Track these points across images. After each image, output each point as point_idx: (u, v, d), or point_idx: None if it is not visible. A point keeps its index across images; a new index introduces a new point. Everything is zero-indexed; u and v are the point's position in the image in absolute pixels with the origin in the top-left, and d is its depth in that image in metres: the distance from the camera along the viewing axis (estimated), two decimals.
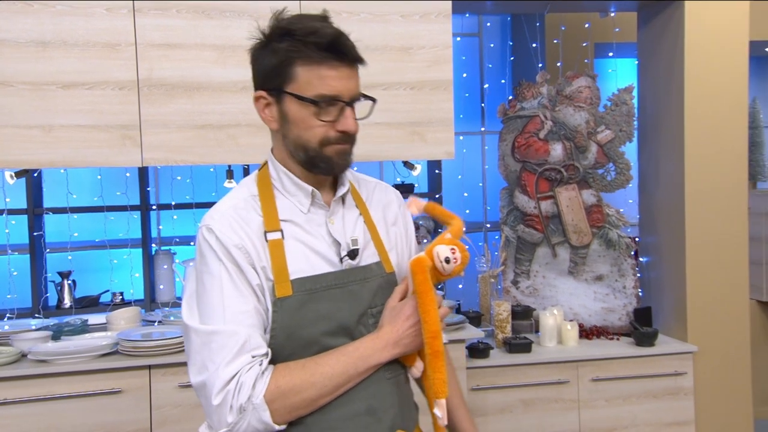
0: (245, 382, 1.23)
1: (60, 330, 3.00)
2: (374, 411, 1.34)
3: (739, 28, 3.44)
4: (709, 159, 3.46)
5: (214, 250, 1.30)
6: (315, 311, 1.32)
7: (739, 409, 3.51)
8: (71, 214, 3.47)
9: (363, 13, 3.01)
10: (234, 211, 1.36)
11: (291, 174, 1.39)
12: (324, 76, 1.31)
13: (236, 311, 1.27)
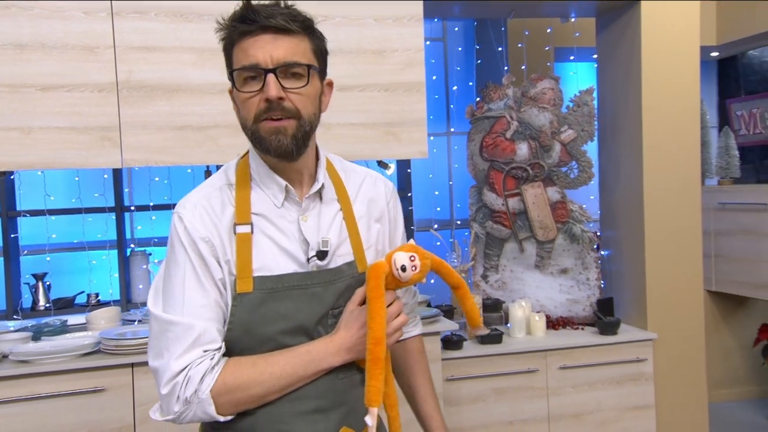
0: (193, 377, 1.22)
1: (40, 331, 2.95)
2: (323, 409, 1.32)
3: (690, 33, 3.52)
4: (666, 157, 3.52)
5: (182, 241, 1.29)
6: (274, 310, 1.29)
7: (695, 392, 3.58)
8: (49, 216, 3.41)
9: (338, 16, 3.01)
10: (207, 201, 1.33)
11: (266, 165, 1.35)
12: (244, 49, 1.27)
13: (195, 305, 1.26)
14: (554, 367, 3.33)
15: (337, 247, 1.37)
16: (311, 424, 1.31)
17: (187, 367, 1.23)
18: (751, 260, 4.44)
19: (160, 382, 1.25)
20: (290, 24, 1.26)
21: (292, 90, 1.26)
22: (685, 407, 3.57)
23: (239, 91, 1.29)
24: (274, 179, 1.34)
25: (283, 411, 1.29)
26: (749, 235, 4.44)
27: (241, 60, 1.27)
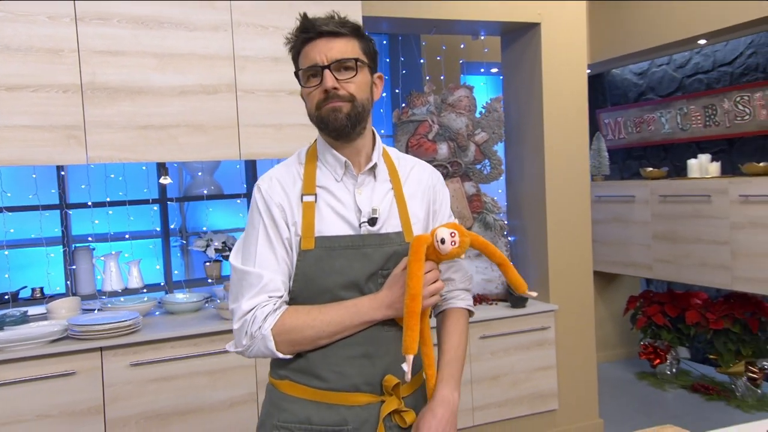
0: (258, 316, 1.36)
1: (2, 321, 2.84)
2: (370, 355, 1.42)
3: (580, 52, 3.76)
4: (562, 156, 3.72)
5: (259, 207, 1.44)
6: (331, 265, 1.40)
7: (587, 354, 3.83)
8: None
9: (286, 28, 3.06)
10: (281, 175, 1.47)
11: (330, 147, 1.47)
12: (305, 53, 1.43)
13: (264, 259, 1.40)
14: (475, 337, 3.46)
15: (387, 218, 1.46)
16: (359, 368, 1.41)
17: (255, 308, 1.37)
18: (621, 243, 4.82)
19: (234, 320, 1.40)
20: (340, 29, 1.40)
21: (345, 80, 1.39)
22: (579, 367, 3.80)
23: (304, 87, 1.44)
24: (335, 156, 1.46)
25: (336, 354, 1.40)
26: (620, 222, 4.82)
27: (303, 63, 1.43)
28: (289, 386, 1.44)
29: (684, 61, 4.89)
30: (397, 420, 1.43)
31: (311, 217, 1.42)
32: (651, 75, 5.19)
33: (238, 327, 1.39)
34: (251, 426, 2.90)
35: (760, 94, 4.16)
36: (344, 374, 1.41)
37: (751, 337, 4.05)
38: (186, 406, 2.83)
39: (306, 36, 1.41)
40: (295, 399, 1.43)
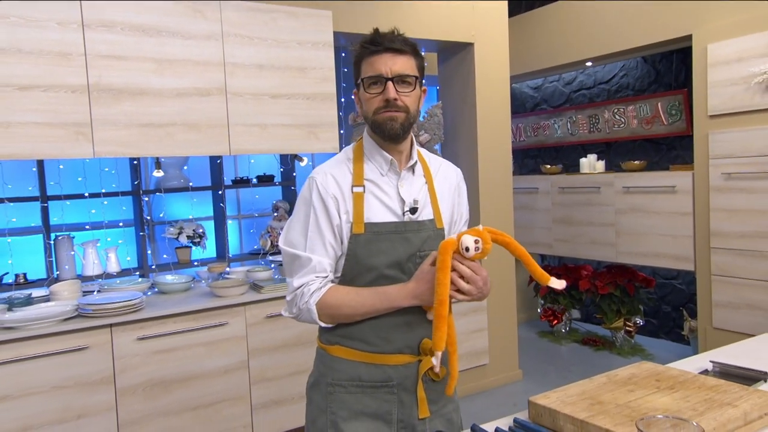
0: (305, 293, 1.40)
1: (11, 303, 2.68)
2: (410, 324, 1.44)
3: (503, 68, 3.95)
4: (491, 154, 3.90)
5: (312, 197, 1.43)
6: (377, 247, 1.42)
7: (510, 318, 4.05)
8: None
9: (269, 39, 3.06)
10: (333, 170, 1.47)
11: (377, 145, 1.47)
12: (371, 63, 1.40)
13: (314, 244, 1.42)
14: None
15: (423, 207, 1.48)
16: (402, 334, 1.44)
17: (304, 285, 1.41)
18: (527, 226, 5.11)
19: (288, 292, 1.45)
20: (404, 47, 1.41)
21: (404, 93, 1.40)
22: (504, 327, 4.01)
23: (366, 92, 1.42)
24: (382, 155, 1.47)
25: (383, 323, 1.43)
26: (526, 209, 5.12)
27: (368, 71, 1.41)
28: (340, 350, 1.46)
29: (571, 79, 5.24)
30: (431, 375, 1.48)
31: (361, 206, 1.43)
32: (544, 89, 5.52)
33: (290, 299, 1.43)
34: (242, 389, 2.93)
35: (633, 107, 4.56)
36: (389, 340, 1.44)
37: (628, 299, 4.45)
38: (187, 373, 2.79)
39: (374, 48, 1.40)
40: (345, 360, 1.45)
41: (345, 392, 1.45)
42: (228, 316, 2.87)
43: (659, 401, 1.32)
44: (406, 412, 1.46)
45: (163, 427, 2.72)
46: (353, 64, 1.47)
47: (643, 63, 4.64)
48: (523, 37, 4.93)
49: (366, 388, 1.45)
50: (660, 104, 4.33)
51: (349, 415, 1.44)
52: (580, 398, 1.37)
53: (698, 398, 1.33)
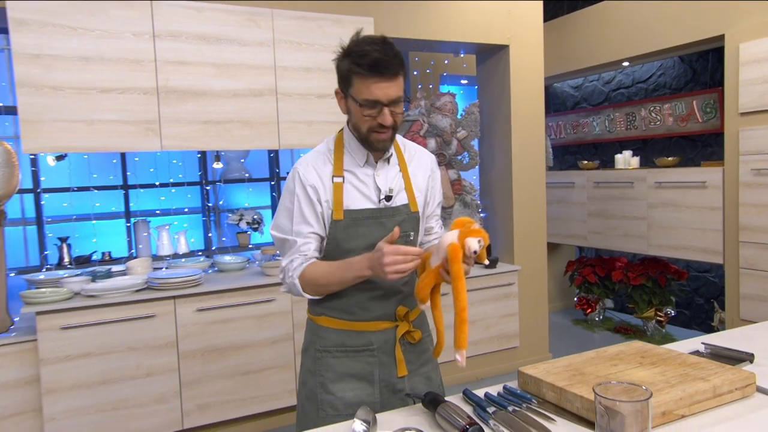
0: (290, 268, 1.46)
1: (95, 275, 2.93)
2: (387, 295, 1.51)
3: (538, 68, 3.92)
4: (525, 150, 3.90)
5: (296, 186, 1.47)
6: (356, 232, 1.46)
7: (541, 304, 4.04)
8: (75, 192, 3.32)
9: (316, 44, 3.19)
10: (314, 160, 1.49)
11: (357, 141, 1.49)
12: (369, 86, 1.35)
13: (298, 230, 1.47)
14: None
15: (397, 193, 1.51)
16: (379, 304, 1.51)
17: (291, 261, 1.47)
18: (563, 219, 5.06)
19: (280, 269, 1.52)
20: (400, 71, 1.38)
21: (396, 113, 1.41)
22: (535, 314, 4.01)
23: (361, 112, 1.40)
24: (360, 149, 1.49)
25: (362, 295, 1.50)
26: (562, 203, 5.07)
27: (364, 93, 1.37)
28: (326, 320, 1.52)
29: (610, 78, 5.13)
30: (408, 338, 1.55)
31: (340, 195, 1.46)
32: (584, 89, 5.42)
33: (282, 276, 1.50)
34: (288, 358, 3.08)
35: (668, 105, 4.44)
36: (368, 309, 1.50)
37: (659, 290, 4.35)
38: (239, 342, 2.96)
39: (373, 73, 1.34)
40: (331, 329, 1.52)
41: (331, 357, 1.52)
42: (275, 293, 3.03)
43: (637, 374, 1.36)
44: (386, 371, 1.53)
45: (218, 389, 2.92)
46: (341, 69, 1.41)
47: (680, 62, 4.50)
48: (563, 38, 4.87)
49: (350, 352, 1.51)
50: (695, 102, 4.20)
51: (335, 377, 1.52)
52: (565, 370, 1.42)
53: (674, 373, 1.36)
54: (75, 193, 3.34)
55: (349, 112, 1.46)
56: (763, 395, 1.33)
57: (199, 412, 2.88)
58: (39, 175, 3.25)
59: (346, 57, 1.39)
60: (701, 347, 1.68)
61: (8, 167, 2.77)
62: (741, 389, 1.32)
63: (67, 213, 3.36)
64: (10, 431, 2.61)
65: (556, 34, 4.89)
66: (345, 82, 1.42)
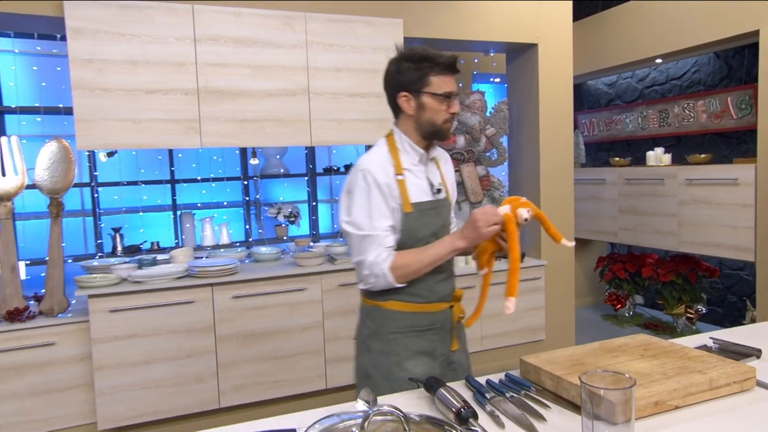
0: (379, 262, 1.54)
1: (141, 262, 3.08)
2: (447, 278, 1.66)
3: (567, 66, 3.86)
4: (553, 147, 3.85)
5: (369, 185, 1.55)
6: (422, 221, 1.59)
7: (567, 299, 3.98)
8: (125, 186, 3.48)
9: (346, 45, 3.25)
10: (380, 161, 1.59)
11: (410, 141, 1.62)
12: (445, 82, 1.56)
13: (377, 224, 1.55)
14: None
15: (441, 186, 1.68)
16: (441, 286, 1.65)
17: (377, 256, 1.55)
18: (594, 216, 4.96)
19: (362, 268, 1.57)
20: (459, 70, 1.62)
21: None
22: (561, 308, 3.96)
23: (438, 104, 1.57)
24: (415, 149, 1.63)
25: (429, 280, 1.62)
26: (593, 199, 4.97)
27: (443, 87, 1.56)
28: (396, 304, 1.62)
29: (644, 75, 4.99)
30: (458, 318, 1.71)
31: (405, 190, 1.58)
32: (618, 86, 5.29)
33: (367, 273, 1.56)
34: (318, 345, 3.16)
35: (702, 102, 4.29)
36: (433, 291, 1.63)
37: (690, 287, 4.22)
38: (271, 328, 3.06)
39: (452, 70, 1.58)
40: (401, 312, 1.62)
41: (404, 337, 1.64)
42: (307, 283, 3.12)
43: (636, 366, 1.36)
44: (444, 347, 1.68)
45: (252, 371, 3.02)
46: (412, 73, 1.56)
47: (715, 59, 4.34)
48: (596, 36, 4.77)
49: (418, 332, 1.64)
50: (729, 99, 4.05)
51: (409, 355, 1.63)
52: (565, 359, 1.43)
53: (673, 365, 1.35)
54: (125, 186, 3.50)
55: (422, 109, 1.58)
56: (763, 390, 1.31)
57: (234, 393, 2.99)
58: (95, 170, 3.43)
59: (419, 62, 1.56)
60: (710, 342, 1.65)
61: (65, 162, 2.95)
62: (739, 383, 1.30)
63: (118, 205, 3.53)
64: (67, 402, 2.78)
65: (590, 31, 4.80)
66: (419, 83, 1.57)
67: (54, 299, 2.88)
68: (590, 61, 4.84)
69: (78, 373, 2.78)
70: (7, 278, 2.86)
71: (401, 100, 1.60)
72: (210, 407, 2.94)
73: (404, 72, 1.58)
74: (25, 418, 2.71)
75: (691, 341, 1.67)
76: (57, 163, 2.93)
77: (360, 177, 1.57)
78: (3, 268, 2.85)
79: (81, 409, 2.79)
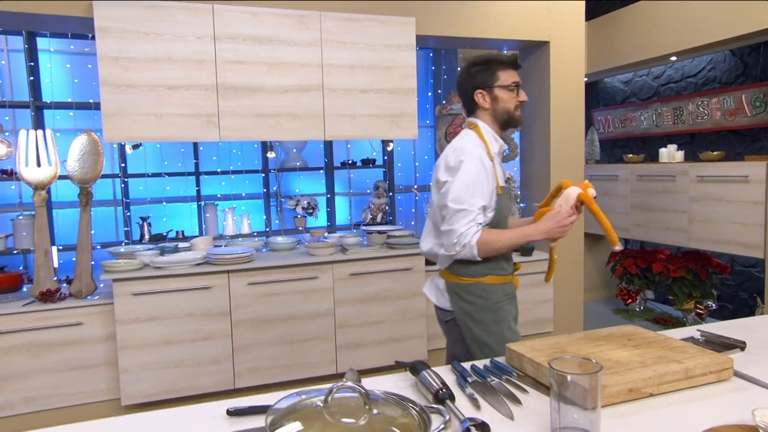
0: (468, 234, 1.71)
1: (163, 250, 3.17)
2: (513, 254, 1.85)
3: (578, 64, 3.82)
4: (563, 143, 3.81)
5: (474, 167, 1.71)
6: (505, 203, 1.82)
7: (576, 292, 3.95)
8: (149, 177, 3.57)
9: (360, 43, 3.27)
10: (479, 148, 1.76)
11: (494, 133, 1.83)
12: (511, 75, 1.80)
13: (474, 201, 1.71)
14: None
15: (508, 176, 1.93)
16: (511, 261, 1.89)
17: (467, 229, 1.71)
18: (606, 212, 4.68)
19: (450, 238, 1.73)
20: (521, 65, 1.87)
21: None
22: (570, 302, 3.93)
23: (510, 93, 1.80)
24: (497, 140, 1.85)
25: (508, 255, 1.86)
26: (606, 195, 4.88)
27: (509, 79, 1.80)
28: (492, 278, 1.81)
29: (660, 73, 4.88)
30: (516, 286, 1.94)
31: (496, 175, 1.78)
32: (634, 83, 5.19)
33: (456, 242, 1.72)
34: (329, 331, 3.20)
35: (716, 100, 4.19)
36: (510, 265, 1.88)
37: (700, 283, 4.14)
38: (284, 314, 3.12)
39: (515, 65, 1.82)
40: (496, 285, 1.82)
41: (506, 304, 1.84)
42: (319, 272, 3.16)
43: (616, 354, 1.36)
44: (515, 311, 1.90)
45: (265, 354, 3.09)
46: (483, 73, 1.80)
47: (731, 56, 4.23)
48: (611, 33, 4.69)
49: (510, 299, 1.87)
50: (744, 96, 3.94)
51: (512, 318, 1.86)
52: (549, 347, 1.43)
53: (653, 355, 1.34)
54: (152, 178, 3.60)
55: (496, 101, 1.80)
56: (741, 380, 1.29)
57: (248, 375, 3.06)
58: (123, 162, 3.53)
59: (486, 63, 1.81)
60: (697, 334, 1.63)
61: (94, 154, 3.04)
62: (716, 373, 1.28)
63: (145, 196, 3.62)
64: (93, 378, 2.89)
65: (606, 30, 4.72)
66: (491, 79, 1.80)
67: (82, 282, 2.99)
68: (606, 59, 4.76)
69: (103, 351, 2.88)
70: (41, 262, 2.97)
71: (478, 97, 1.81)
72: (225, 387, 3.02)
73: (475, 74, 1.81)
74: (55, 391, 2.83)
75: (679, 333, 1.65)
76: (87, 155, 3.03)
77: (468, 159, 1.73)
78: (37, 252, 2.97)
79: (106, 386, 2.90)
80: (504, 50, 4.04)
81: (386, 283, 3.26)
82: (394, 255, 3.26)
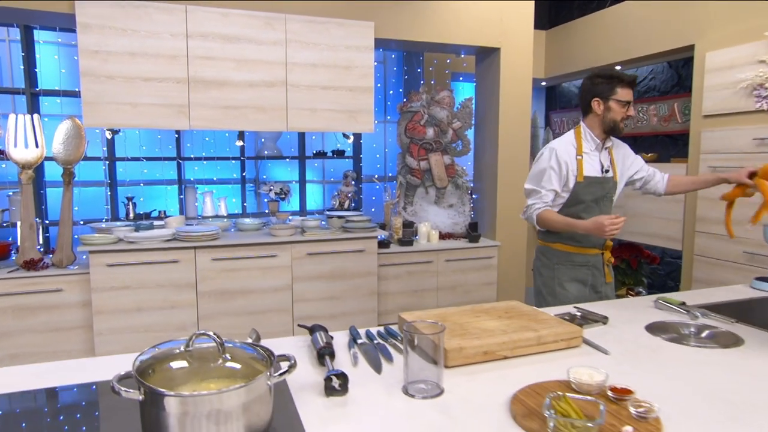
0: (533, 206, 2.05)
1: (139, 226, 3.24)
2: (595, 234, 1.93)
3: (526, 69, 3.88)
4: (511, 141, 3.88)
5: (551, 159, 2.00)
6: (587, 189, 2.02)
7: (518, 276, 4.04)
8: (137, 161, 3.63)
9: (322, 44, 3.33)
10: (565, 146, 2.03)
11: (593, 133, 2.04)
12: (627, 93, 1.97)
13: (542, 185, 2.02)
14: (442, 260, 3.69)
15: (608, 168, 2.06)
16: (594, 239, 2.06)
17: (534, 203, 2.06)
18: None
19: (525, 207, 2.09)
20: (637, 85, 1.99)
21: None
22: (512, 284, 4.02)
23: (622, 109, 1.98)
24: (594, 140, 2.05)
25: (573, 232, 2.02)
26: None
27: (624, 96, 1.98)
28: (560, 246, 2.09)
29: None
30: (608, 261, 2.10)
31: (581, 166, 2.00)
32: None
33: (525, 210, 2.08)
34: (286, 304, 3.29)
35: (654, 107, 4.27)
36: (589, 240, 2.06)
37: (632, 272, 4.24)
38: (246, 288, 3.20)
39: (632, 85, 1.99)
40: (562, 251, 2.09)
41: (564, 267, 2.09)
42: (278, 250, 3.25)
43: (486, 324, 1.45)
44: (595, 279, 2.09)
45: (228, 323, 3.18)
46: (603, 86, 1.98)
47: (668, 68, 4.31)
48: (565, 42, 4.76)
49: (575, 265, 2.08)
50: (676, 104, 4.04)
51: (567, 279, 2.09)
52: (435, 317, 1.53)
53: (517, 325, 1.44)
54: (137, 162, 3.66)
55: (608, 111, 1.99)
56: (587, 347, 1.40)
57: None
58: (107, 145, 3.60)
59: (609, 78, 1.99)
60: (573, 311, 1.74)
61: (77, 138, 3.11)
62: (567, 340, 1.39)
63: (132, 178, 3.68)
64: (71, 339, 2.97)
65: (561, 39, 4.78)
66: (609, 92, 1.98)
67: (63, 253, 3.06)
68: (562, 65, 4.83)
69: (81, 316, 2.97)
70: (26, 234, 3.05)
71: (594, 103, 2.02)
72: None
73: (597, 85, 2.00)
74: (37, 349, 2.92)
75: (558, 310, 1.76)
76: (71, 138, 3.09)
77: (547, 152, 2.04)
78: (23, 225, 3.05)
79: (83, 346, 2.99)
80: (462, 54, 4.10)
81: (341, 263, 3.35)
82: (350, 237, 3.35)
